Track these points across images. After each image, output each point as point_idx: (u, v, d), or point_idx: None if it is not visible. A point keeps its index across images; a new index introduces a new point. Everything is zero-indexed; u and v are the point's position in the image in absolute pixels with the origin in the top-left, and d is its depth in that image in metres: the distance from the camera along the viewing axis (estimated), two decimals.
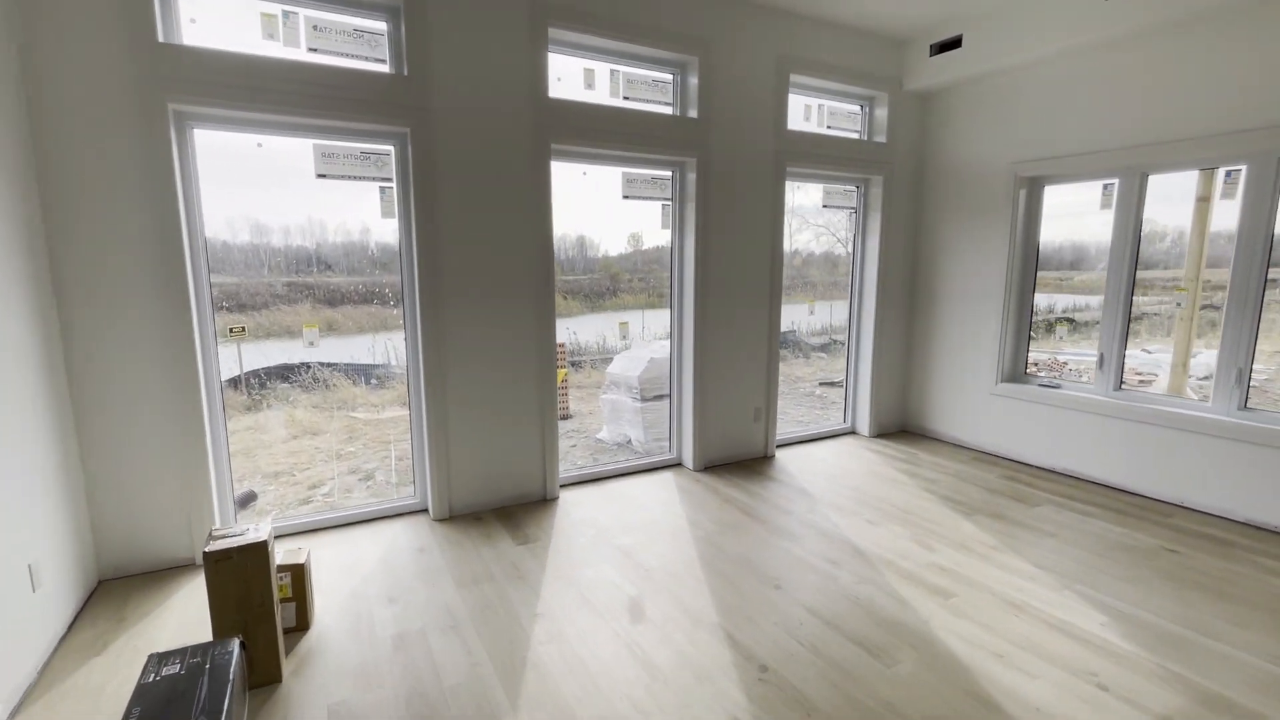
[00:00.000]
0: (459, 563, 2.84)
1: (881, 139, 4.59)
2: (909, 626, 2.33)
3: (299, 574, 2.28)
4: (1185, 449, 3.46)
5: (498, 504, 3.49)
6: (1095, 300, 4.73)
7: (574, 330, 8.10)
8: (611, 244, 6.79)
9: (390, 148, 3.12)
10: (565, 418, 6.50)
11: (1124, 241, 3.72)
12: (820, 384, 8.42)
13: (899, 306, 4.91)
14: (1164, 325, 4.07)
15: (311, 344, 3.13)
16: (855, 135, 4.62)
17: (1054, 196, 4.15)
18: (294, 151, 2.98)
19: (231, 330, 3.06)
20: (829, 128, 4.51)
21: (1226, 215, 3.45)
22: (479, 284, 3.29)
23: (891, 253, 4.76)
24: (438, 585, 2.65)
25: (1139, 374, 4.20)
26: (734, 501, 3.56)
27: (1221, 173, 3.37)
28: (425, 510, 3.41)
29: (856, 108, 4.64)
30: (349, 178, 3.09)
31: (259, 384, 4.53)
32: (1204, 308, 4.03)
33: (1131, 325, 3.83)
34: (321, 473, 4.52)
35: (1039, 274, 4.27)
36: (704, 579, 2.69)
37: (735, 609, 2.46)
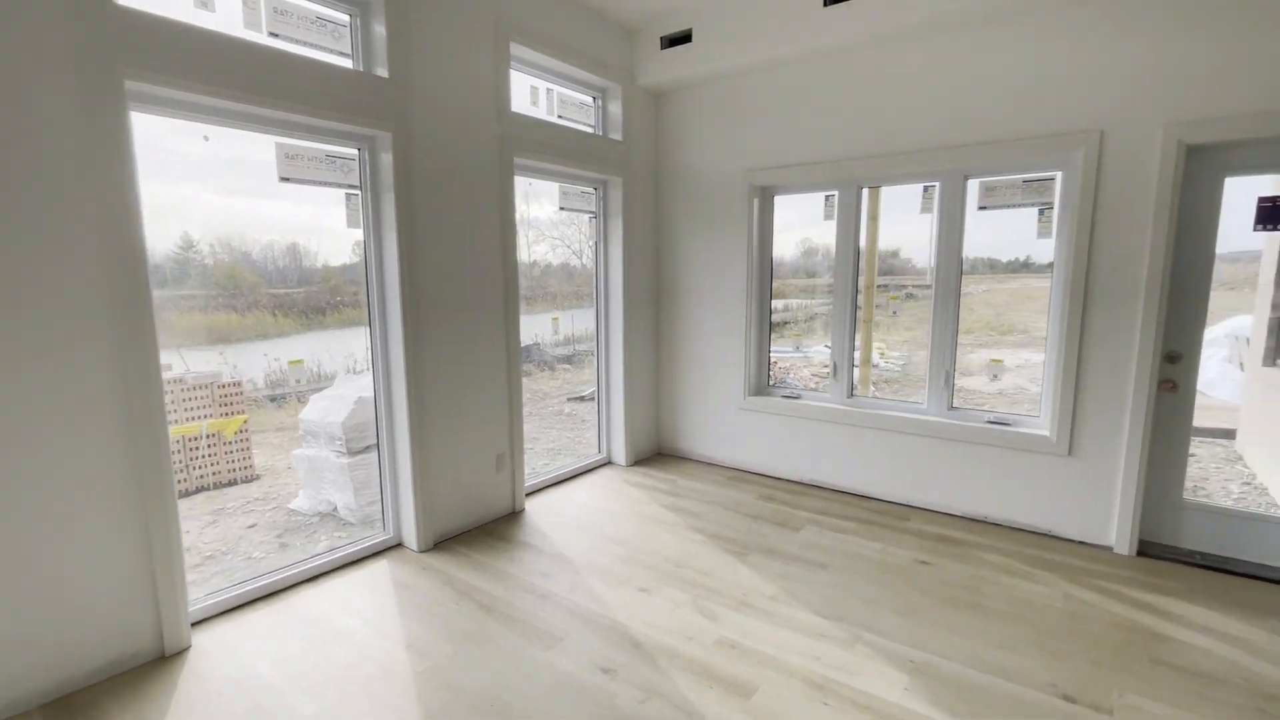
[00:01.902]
0: None
1: (618, 136, 4.12)
2: None
3: None
4: (909, 451, 3.63)
5: (69, 685, 2.03)
6: (778, 303, 5.04)
7: (276, 356, 6.37)
8: (334, 253, 5.40)
9: None
10: (247, 480, 4.85)
11: (847, 252, 3.80)
12: (569, 399, 7.90)
13: (647, 320, 4.53)
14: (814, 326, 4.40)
15: None
16: (590, 129, 4.09)
17: (784, 208, 4.14)
18: None
19: None
20: (560, 117, 3.88)
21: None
22: None
23: (636, 262, 4.34)
24: None
25: (825, 365, 4.41)
26: (474, 594, 2.66)
27: (918, 189, 3.59)
28: None
29: (589, 99, 4.11)
30: None
31: None
32: (877, 307, 4.54)
33: (814, 325, 3.98)
34: None
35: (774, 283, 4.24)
36: None
37: None
